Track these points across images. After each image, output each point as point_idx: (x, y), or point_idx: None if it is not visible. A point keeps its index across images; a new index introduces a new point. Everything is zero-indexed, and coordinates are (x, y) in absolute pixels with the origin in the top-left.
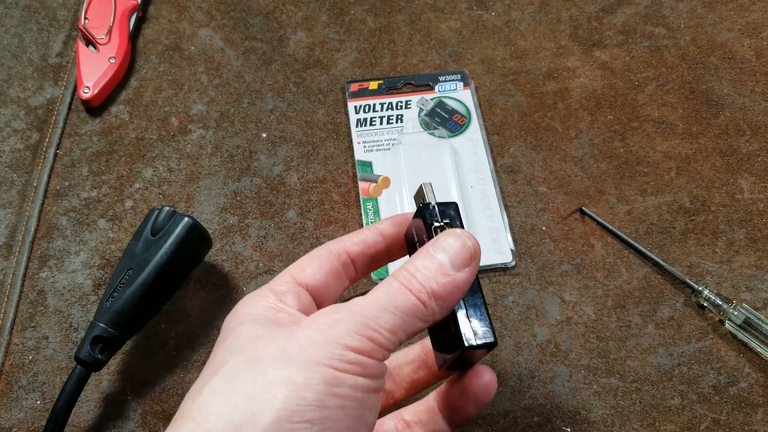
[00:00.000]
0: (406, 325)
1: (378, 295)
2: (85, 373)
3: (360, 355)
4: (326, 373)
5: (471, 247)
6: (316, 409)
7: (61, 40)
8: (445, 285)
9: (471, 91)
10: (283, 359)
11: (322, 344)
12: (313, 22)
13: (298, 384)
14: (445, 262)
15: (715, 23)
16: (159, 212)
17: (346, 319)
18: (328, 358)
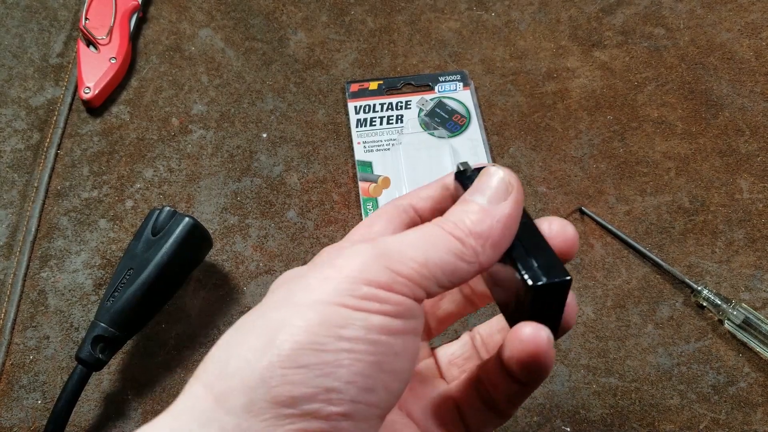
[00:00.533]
0: (442, 263)
1: (407, 233)
2: (85, 373)
3: (376, 289)
4: (329, 312)
5: (506, 179)
6: (311, 352)
7: (61, 40)
8: (483, 220)
9: (471, 92)
10: (285, 301)
11: (333, 280)
12: (313, 22)
13: (294, 326)
14: (482, 201)
15: (715, 24)
16: (159, 212)
17: (364, 251)
18: (336, 295)
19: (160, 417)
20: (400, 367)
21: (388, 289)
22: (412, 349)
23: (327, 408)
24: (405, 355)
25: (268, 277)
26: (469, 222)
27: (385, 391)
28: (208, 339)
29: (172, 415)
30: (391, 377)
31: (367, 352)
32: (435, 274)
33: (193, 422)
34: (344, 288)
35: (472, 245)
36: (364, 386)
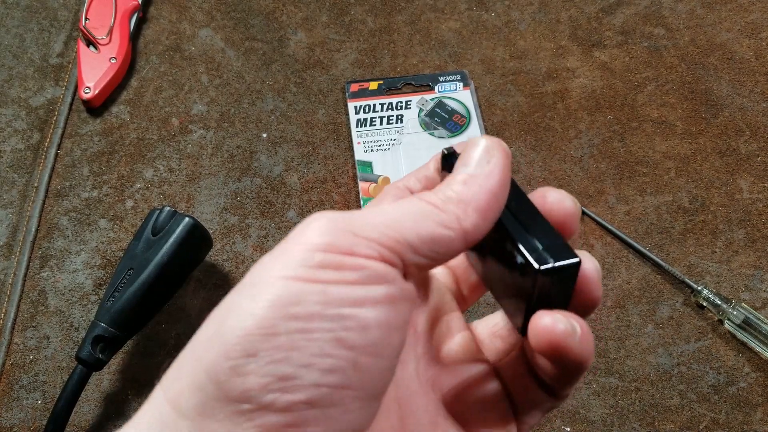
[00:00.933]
0: (417, 227)
1: (380, 206)
2: (86, 373)
3: (335, 254)
4: (278, 289)
5: (488, 145)
6: (261, 338)
7: (61, 40)
8: (465, 187)
9: (471, 92)
10: (244, 285)
11: (287, 253)
12: (313, 22)
13: (242, 311)
14: (465, 170)
15: (715, 24)
16: (160, 212)
17: (321, 217)
18: (287, 268)
19: (123, 428)
20: (374, 340)
21: (349, 253)
22: (391, 320)
23: (284, 397)
24: (380, 328)
25: None
26: (451, 191)
27: (355, 370)
28: None
29: (133, 424)
30: (363, 354)
31: (324, 329)
32: (407, 238)
33: (150, 428)
34: (297, 259)
35: (452, 210)
36: (325, 367)
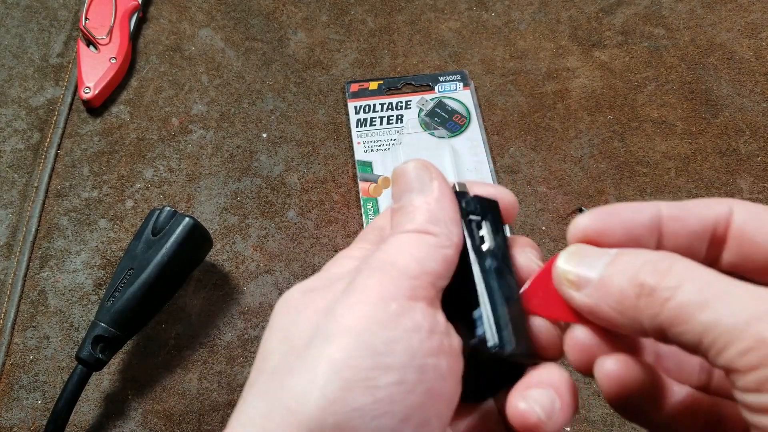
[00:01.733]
0: (431, 258)
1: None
2: (86, 373)
3: (404, 301)
4: (367, 338)
5: (416, 164)
6: (360, 390)
7: (61, 40)
8: (428, 205)
9: (471, 92)
10: (319, 332)
11: (365, 302)
12: (313, 22)
13: (335, 359)
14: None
15: (715, 24)
16: (160, 212)
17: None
18: (369, 317)
19: None
20: (450, 390)
21: (413, 298)
22: (456, 369)
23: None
24: (452, 378)
25: (268, 277)
26: (423, 216)
27: (439, 421)
28: (208, 339)
29: None
30: (445, 405)
31: (416, 381)
32: (433, 270)
33: None
34: (374, 307)
35: (440, 231)
36: (419, 421)
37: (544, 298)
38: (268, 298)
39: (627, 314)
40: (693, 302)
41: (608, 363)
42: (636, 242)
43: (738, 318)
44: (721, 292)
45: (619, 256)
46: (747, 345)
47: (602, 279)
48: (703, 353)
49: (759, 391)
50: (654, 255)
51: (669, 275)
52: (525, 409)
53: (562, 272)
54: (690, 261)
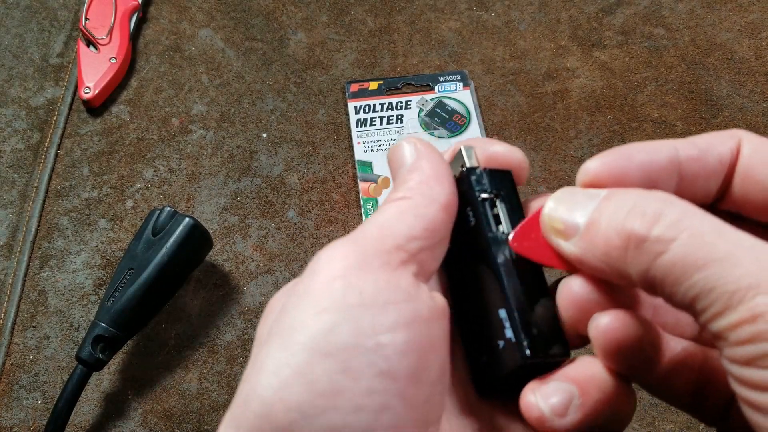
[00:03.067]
0: (403, 222)
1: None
2: (86, 373)
3: (354, 277)
4: (309, 330)
5: (407, 140)
6: (299, 389)
7: (61, 40)
8: (411, 173)
9: (471, 92)
10: (271, 335)
11: (311, 290)
12: (313, 22)
13: (276, 360)
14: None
15: (715, 23)
16: (160, 212)
17: (333, 247)
18: (313, 304)
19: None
20: (414, 366)
21: (367, 270)
22: (425, 341)
23: None
24: (418, 351)
25: (268, 277)
26: (408, 185)
27: (404, 404)
28: (208, 339)
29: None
30: (408, 383)
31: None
32: (404, 232)
33: None
34: (319, 293)
35: (418, 196)
36: (375, 407)
37: (534, 244)
38: (268, 298)
39: (615, 266)
40: (688, 260)
41: (604, 319)
42: (654, 186)
43: (736, 286)
44: (722, 252)
45: (607, 198)
46: (741, 317)
47: (588, 227)
48: (693, 314)
49: (748, 365)
50: (645, 197)
51: (661, 223)
52: (530, 401)
53: (548, 219)
54: (687, 204)
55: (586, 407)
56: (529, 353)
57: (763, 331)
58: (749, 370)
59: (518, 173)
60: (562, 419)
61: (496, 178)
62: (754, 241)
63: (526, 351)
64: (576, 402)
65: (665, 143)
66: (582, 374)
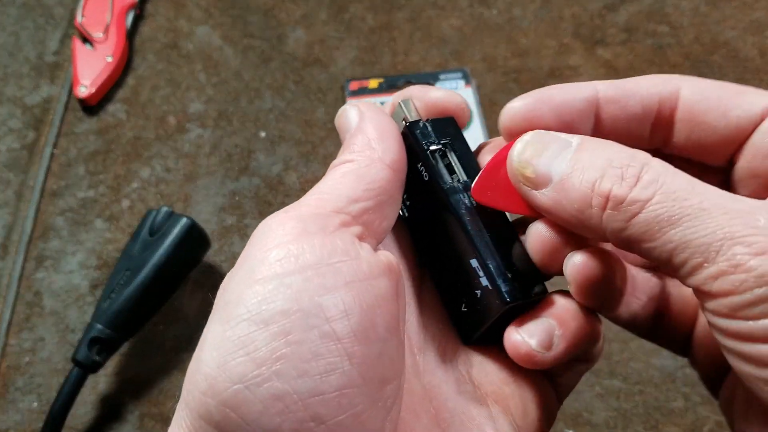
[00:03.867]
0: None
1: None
2: (82, 375)
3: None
4: (247, 300)
5: (353, 106)
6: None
7: (57, 38)
8: (353, 136)
9: (472, 90)
10: (215, 310)
11: (249, 260)
12: (312, 19)
13: (217, 335)
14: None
15: (719, 21)
16: (157, 212)
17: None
18: (250, 274)
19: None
20: (359, 324)
21: (303, 234)
22: (369, 298)
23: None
24: (361, 309)
25: None
26: (350, 148)
27: (351, 364)
28: None
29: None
30: (354, 342)
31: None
32: (342, 194)
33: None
34: (256, 262)
35: (359, 156)
36: (320, 371)
37: (498, 193)
38: None
39: (588, 223)
40: (663, 217)
41: (577, 258)
42: (569, 128)
43: (712, 238)
44: (695, 207)
45: (580, 150)
46: (719, 269)
47: (562, 180)
48: (672, 271)
49: (731, 317)
50: (619, 153)
51: (639, 184)
52: (516, 340)
53: (518, 165)
54: (661, 163)
55: (567, 338)
56: (508, 298)
57: (743, 280)
58: (733, 322)
59: (460, 118)
60: (549, 351)
61: (440, 127)
62: (720, 193)
63: (506, 296)
64: (557, 333)
65: (588, 85)
66: (557, 309)
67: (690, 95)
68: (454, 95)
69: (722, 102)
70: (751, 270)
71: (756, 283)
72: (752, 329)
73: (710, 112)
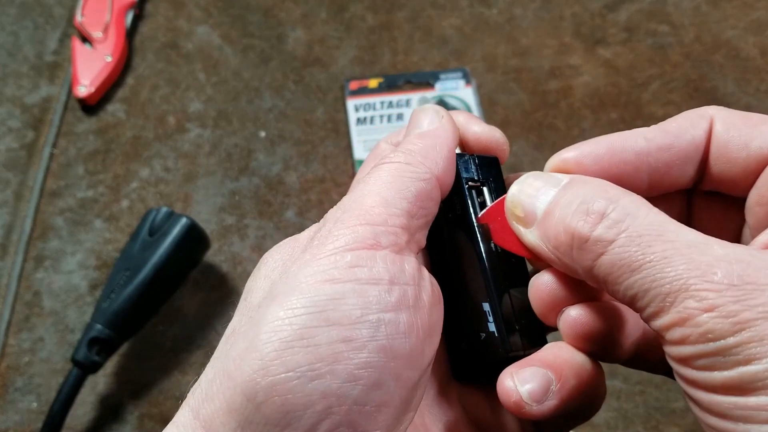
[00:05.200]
0: (401, 193)
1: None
2: (81, 375)
3: (364, 250)
4: (314, 294)
5: (435, 108)
6: (300, 350)
7: (57, 37)
8: (421, 139)
9: (473, 89)
10: (273, 295)
11: (319, 258)
12: (312, 19)
13: (278, 319)
14: (417, 131)
15: (720, 21)
16: (156, 212)
17: (338, 219)
18: (321, 272)
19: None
20: (414, 349)
21: (377, 246)
22: (427, 325)
23: (327, 421)
24: (418, 335)
25: None
26: (412, 146)
27: (397, 384)
28: (205, 341)
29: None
30: (405, 365)
31: (366, 337)
32: (402, 207)
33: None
34: (328, 261)
35: (419, 162)
36: (370, 383)
37: (502, 230)
38: None
39: (563, 261)
40: (625, 262)
41: (571, 313)
42: (620, 183)
43: (668, 288)
44: (657, 254)
45: (564, 189)
46: (671, 320)
47: (544, 216)
48: (637, 311)
49: (682, 364)
50: (594, 192)
51: (602, 223)
52: (509, 387)
53: (510, 205)
54: (633, 202)
55: (563, 392)
56: (511, 348)
57: (690, 334)
58: (684, 368)
59: (500, 156)
60: (539, 405)
61: (484, 164)
62: (689, 240)
63: (509, 346)
64: (554, 387)
65: (634, 135)
66: (558, 359)
67: (719, 128)
68: (494, 132)
69: (743, 132)
70: (699, 325)
71: (701, 338)
72: (697, 378)
73: (732, 144)
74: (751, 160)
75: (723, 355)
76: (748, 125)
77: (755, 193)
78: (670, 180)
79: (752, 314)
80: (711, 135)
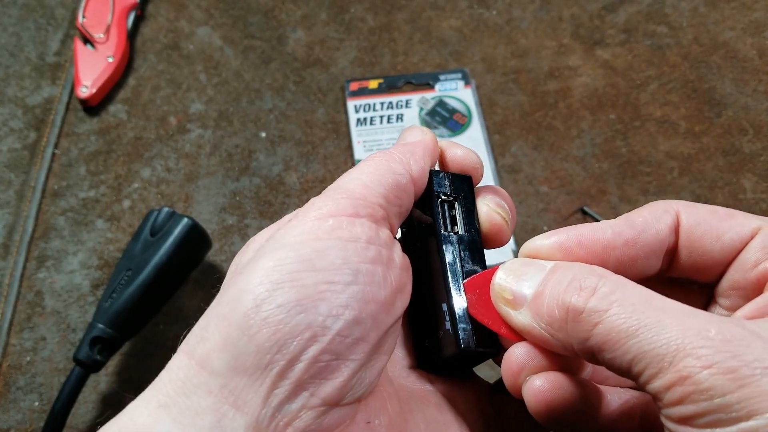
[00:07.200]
0: (383, 179)
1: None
2: (83, 374)
3: (344, 217)
4: (301, 248)
5: (422, 128)
6: (290, 289)
7: (59, 38)
8: (404, 146)
9: (472, 90)
10: (263, 251)
11: (304, 221)
12: (312, 20)
13: (268, 267)
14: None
15: (718, 22)
16: (158, 213)
17: (324, 194)
18: (307, 232)
19: (145, 392)
20: (388, 297)
21: (355, 215)
22: (399, 282)
23: (312, 347)
24: (392, 287)
25: None
26: (393, 150)
27: (374, 324)
28: None
29: (156, 388)
30: (381, 309)
31: (347, 282)
32: (381, 192)
33: (178, 391)
34: (313, 224)
35: (398, 158)
36: (350, 318)
37: (485, 309)
38: None
39: (558, 337)
40: (621, 329)
41: (536, 382)
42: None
43: (666, 349)
44: (650, 319)
45: (551, 272)
46: (670, 379)
47: (534, 298)
48: (632, 377)
49: (682, 424)
50: (582, 271)
51: (596, 296)
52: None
53: (498, 289)
54: (618, 278)
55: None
56: (462, 345)
57: (691, 392)
58: (684, 428)
59: (475, 177)
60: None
61: (457, 182)
62: (677, 306)
63: (461, 343)
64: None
65: (602, 228)
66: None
67: (687, 222)
68: (472, 155)
69: (713, 226)
70: (699, 383)
71: (702, 396)
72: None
73: (705, 237)
74: (725, 252)
75: (725, 411)
76: (716, 219)
77: (729, 279)
78: (636, 271)
79: (749, 370)
80: (678, 229)
